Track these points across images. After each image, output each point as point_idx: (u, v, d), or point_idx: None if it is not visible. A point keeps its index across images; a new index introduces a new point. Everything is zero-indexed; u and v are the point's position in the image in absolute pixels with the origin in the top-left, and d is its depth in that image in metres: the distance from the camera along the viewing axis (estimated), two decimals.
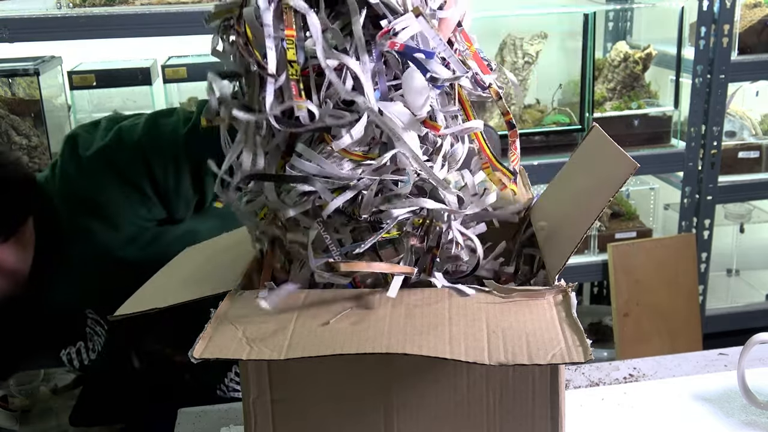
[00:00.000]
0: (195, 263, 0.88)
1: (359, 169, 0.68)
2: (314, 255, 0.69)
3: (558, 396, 0.66)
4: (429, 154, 0.72)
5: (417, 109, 0.69)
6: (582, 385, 1.07)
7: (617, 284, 2.17)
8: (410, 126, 0.68)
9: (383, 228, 0.69)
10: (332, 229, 0.71)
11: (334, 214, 0.70)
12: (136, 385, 1.35)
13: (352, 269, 0.68)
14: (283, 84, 0.67)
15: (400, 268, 0.70)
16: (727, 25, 2.08)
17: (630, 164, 0.68)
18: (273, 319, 0.65)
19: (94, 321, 1.22)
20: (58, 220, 1.15)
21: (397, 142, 0.68)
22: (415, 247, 0.72)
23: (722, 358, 1.13)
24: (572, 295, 0.66)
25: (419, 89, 0.68)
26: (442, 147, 0.72)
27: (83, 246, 1.14)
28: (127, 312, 0.74)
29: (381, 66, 0.68)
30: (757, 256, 2.55)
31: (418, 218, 0.72)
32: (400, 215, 0.69)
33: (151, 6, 1.88)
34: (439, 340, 0.60)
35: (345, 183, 0.68)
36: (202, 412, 1.06)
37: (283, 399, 0.67)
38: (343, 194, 0.68)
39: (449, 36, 0.74)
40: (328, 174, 0.68)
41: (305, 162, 0.68)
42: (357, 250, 0.69)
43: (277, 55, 0.67)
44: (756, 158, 2.29)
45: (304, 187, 0.68)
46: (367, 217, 0.69)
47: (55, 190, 1.16)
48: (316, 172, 0.68)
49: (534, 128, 2.20)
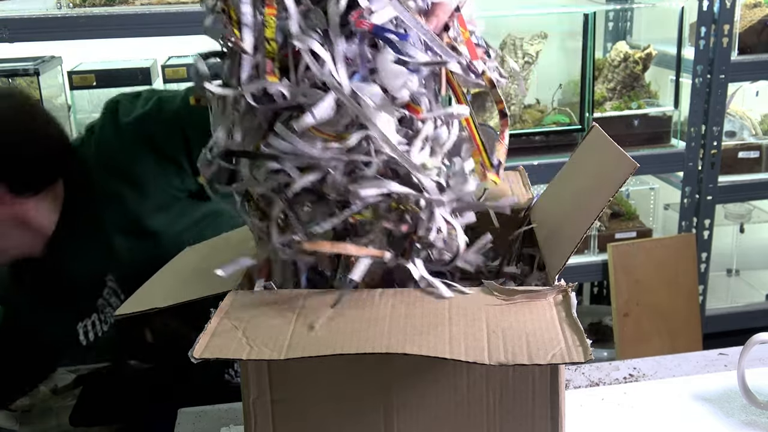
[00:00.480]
0: (195, 263, 0.88)
1: (330, 151, 0.68)
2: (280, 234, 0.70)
3: (558, 396, 0.66)
4: (409, 138, 0.71)
5: (394, 91, 0.68)
6: (582, 385, 1.07)
7: (617, 284, 2.17)
8: (383, 107, 0.67)
9: (351, 209, 0.68)
10: (302, 208, 0.71)
11: (305, 194, 0.70)
12: (136, 385, 1.36)
13: (314, 248, 0.68)
14: (260, 61, 0.67)
15: (367, 250, 0.69)
16: (727, 25, 2.08)
17: (630, 164, 0.68)
18: (273, 319, 0.65)
19: (111, 291, 1.24)
20: (91, 183, 1.17)
21: (367, 122, 0.67)
22: (394, 233, 0.71)
23: (722, 358, 1.13)
24: (572, 295, 0.66)
25: (394, 72, 0.67)
26: (422, 131, 0.71)
27: (114, 211, 1.17)
28: (128, 311, 0.74)
29: (363, 49, 0.68)
30: (757, 256, 2.55)
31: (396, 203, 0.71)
32: (368, 196, 0.68)
33: (151, 6, 1.88)
34: (439, 340, 0.60)
35: (314, 162, 0.68)
36: (202, 412, 1.06)
37: (283, 399, 0.67)
38: (311, 173, 0.68)
39: (445, 21, 0.73)
40: (298, 152, 0.68)
41: (280, 141, 0.68)
42: (318, 228, 0.69)
43: (255, 33, 0.67)
44: (756, 158, 2.29)
45: (273, 164, 0.69)
46: (335, 197, 0.69)
47: (90, 153, 1.18)
48: (288, 151, 0.68)
49: (534, 128, 2.20)
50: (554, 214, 0.81)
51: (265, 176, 0.70)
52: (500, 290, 0.67)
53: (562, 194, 0.83)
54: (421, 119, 0.71)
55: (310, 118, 0.66)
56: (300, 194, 0.70)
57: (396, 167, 0.70)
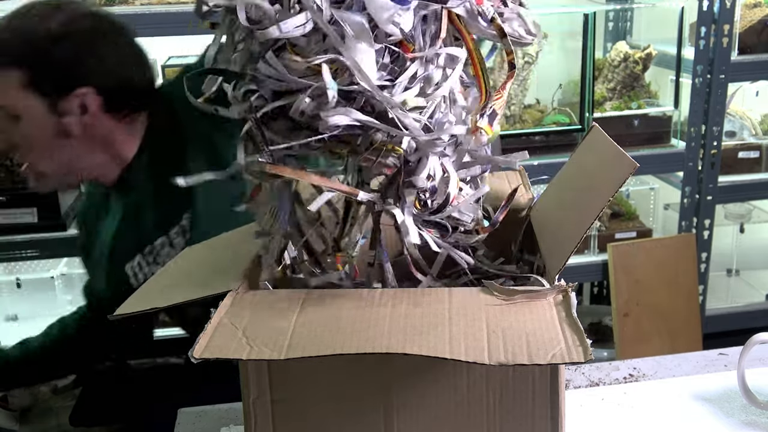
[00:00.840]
0: (195, 263, 0.88)
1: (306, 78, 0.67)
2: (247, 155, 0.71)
3: (558, 396, 0.66)
4: (395, 76, 0.69)
5: (381, 24, 0.66)
6: (582, 385, 1.07)
7: (617, 284, 2.17)
8: (360, 36, 0.66)
9: (320, 134, 0.68)
10: (274, 132, 0.71)
11: (281, 120, 0.70)
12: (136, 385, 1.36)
13: (277, 171, 0.68)
14: None
15: (331, 183, 0.69)
16: (727, 25, 2.08)
17: (630, 164, 0.68)
18: (273, 319, 0.65)
19: (180, 230, 1.26)
20: (177, 121, 1.24)
21: (340, 47, 0.66)
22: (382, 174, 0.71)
23: (722, 358, 1.13)
24: (572, 295, 0.66)
25: (381, 4, 0.66)
26: (408, 69, 0.69)
27: (199, 150, 1.22)
28: (128, 311, 0.74)
29: None
30: (757, 256, 2.55)
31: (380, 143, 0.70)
32: (334, 124, 0.67)
33: (151, 6, 1.88)
34: (439, 340, 0.60)
35: (290, 87, 0.68)
36: (202, 412, 1.06)
37: (283, 399, 0.67)
38: (285, 98, 0.68)
39: None
40: (275, 76, 0.68)
41: (264, 65, 0.68)
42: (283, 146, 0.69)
43: None
44: (756, 158, 2.29)
45: (250, 85, 0.69)
46: (305, 122, 0.68)
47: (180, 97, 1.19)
48: (268, 74, 0.68)
49: (534, 128, 2.20)
50: (554, 214, 0.81)
51: (242, 97, 0.71)
52: (500, 290, 0.67)
53: (562, 194, 0.83)
54: (410, 57, 0.69)
55: (276, 31, 0.65)
56: (276, 119, 0.70)
57: (375, 103, 0.68)
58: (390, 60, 0.69)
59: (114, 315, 0.75)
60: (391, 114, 0.68)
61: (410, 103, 0.69)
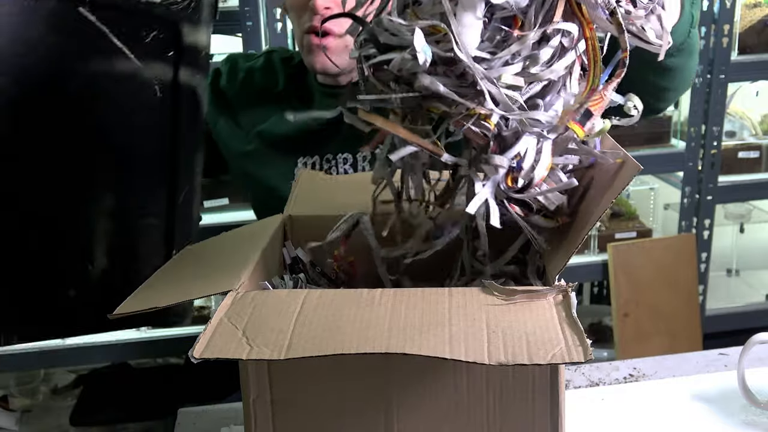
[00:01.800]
0: (195, 262, 0.88)
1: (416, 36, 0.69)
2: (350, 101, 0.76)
3: (558, 396, 0.66)
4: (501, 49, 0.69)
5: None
6: (582, 385, 1.07)
7: (617, 284, 2.17)
8: (468, 5, 0.67)
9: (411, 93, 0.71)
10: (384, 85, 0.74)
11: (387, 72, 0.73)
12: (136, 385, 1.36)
13: (368, 119, 0.73)
14: None
15: (418, 139, 0.72)
16: (727, 25, 2.08)
17: (634, 166, 0.68)
18: (273, 319, 0.65)
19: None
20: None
21: (449, 15, 0.67)
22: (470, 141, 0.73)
23: (722, 358, 1.13)
24: (572, 295, 0.66)
25: None
26: (512, 45, 0.68)
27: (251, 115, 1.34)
28: (128, 311, 0.74)
29: None
30: (757, 256, 2.55)
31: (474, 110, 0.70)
32: (425, 86, 0.69)
33: None
34: (439, 340, 0.60)
35: (400, 43, 0.71)
36: (202, 412, 1.06)
37: (283, 399, 0.67)
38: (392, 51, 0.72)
39: None
40: (391, 30, 0.72)
41: (386, 18, 0.72)
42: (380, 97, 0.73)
43: None
44: (756, 158, 2.29)
45: (365, 35, 0.74)
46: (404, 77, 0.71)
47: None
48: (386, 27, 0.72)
49: None
50: None
51: (359, 46, 0.76)
52: (500, 290, 0.67)
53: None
54: (517, 35, 0.69)
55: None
56: (383, 72, 0.73)
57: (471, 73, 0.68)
58: (502, 35, 0.69)
59: (113, 315, 0.75)
60: (479, 86, 0.68)
61: (505, 80, 0.69)
